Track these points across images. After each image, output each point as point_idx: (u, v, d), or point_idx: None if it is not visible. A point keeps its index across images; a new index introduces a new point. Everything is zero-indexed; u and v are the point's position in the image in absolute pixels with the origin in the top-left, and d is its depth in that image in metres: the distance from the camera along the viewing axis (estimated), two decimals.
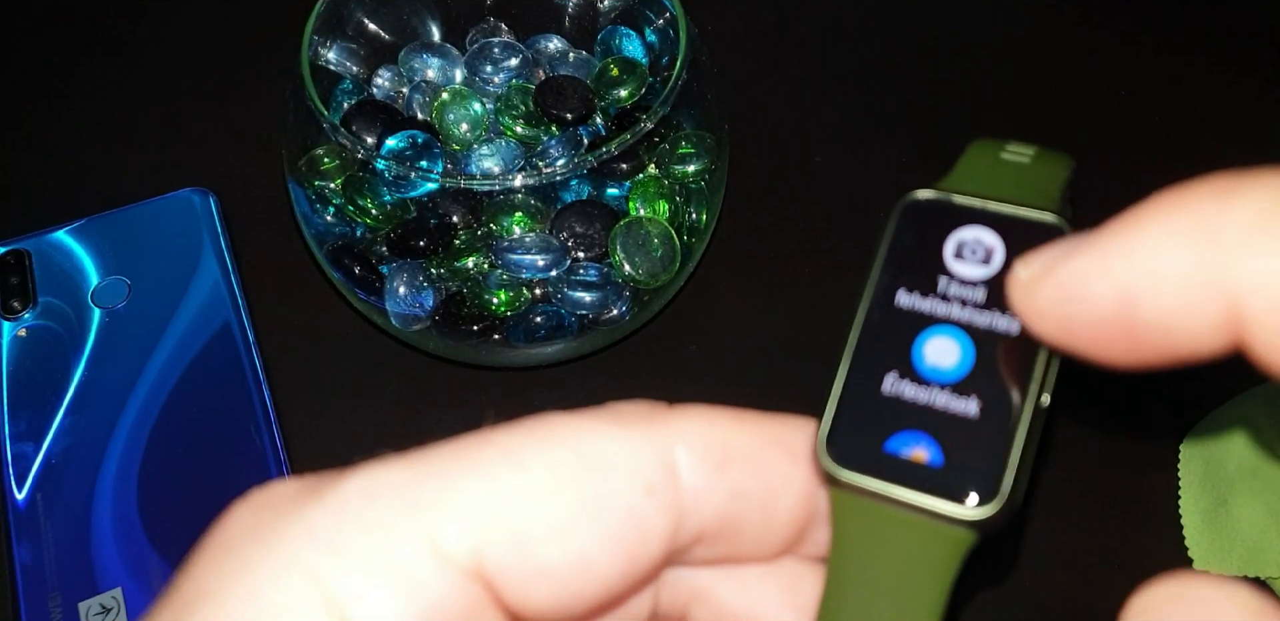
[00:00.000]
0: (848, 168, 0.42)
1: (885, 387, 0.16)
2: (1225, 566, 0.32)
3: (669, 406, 0.16)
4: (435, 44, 0.38)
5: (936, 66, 0.45)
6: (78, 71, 0.45)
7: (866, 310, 0.16)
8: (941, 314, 0.16)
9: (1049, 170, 0.17)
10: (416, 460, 0.14)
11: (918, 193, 0.17)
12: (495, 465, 0.14)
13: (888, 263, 0.17)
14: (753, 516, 0.16)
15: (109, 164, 0.42)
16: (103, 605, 0.32)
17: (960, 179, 0.17)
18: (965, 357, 0.16)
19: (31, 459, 0.34)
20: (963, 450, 0.15)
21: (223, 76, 0.45)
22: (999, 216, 0.16)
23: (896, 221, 0.17)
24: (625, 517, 0.14)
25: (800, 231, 0.41)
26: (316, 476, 0.14)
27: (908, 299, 0.16)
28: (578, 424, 0.15)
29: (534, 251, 0.32)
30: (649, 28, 0.37)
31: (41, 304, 0.37)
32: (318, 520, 0.13)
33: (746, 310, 0.39)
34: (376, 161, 0.30)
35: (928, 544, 0.15)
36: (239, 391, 0.35)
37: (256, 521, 0.14)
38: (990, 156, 0.17)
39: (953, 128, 0.43)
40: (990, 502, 0.15)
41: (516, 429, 0.15)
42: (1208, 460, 0.34)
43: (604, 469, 0.15)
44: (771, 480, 0.16)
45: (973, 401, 0.15)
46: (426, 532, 0.13)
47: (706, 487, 0.15)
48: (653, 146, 0.33)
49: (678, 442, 0.15)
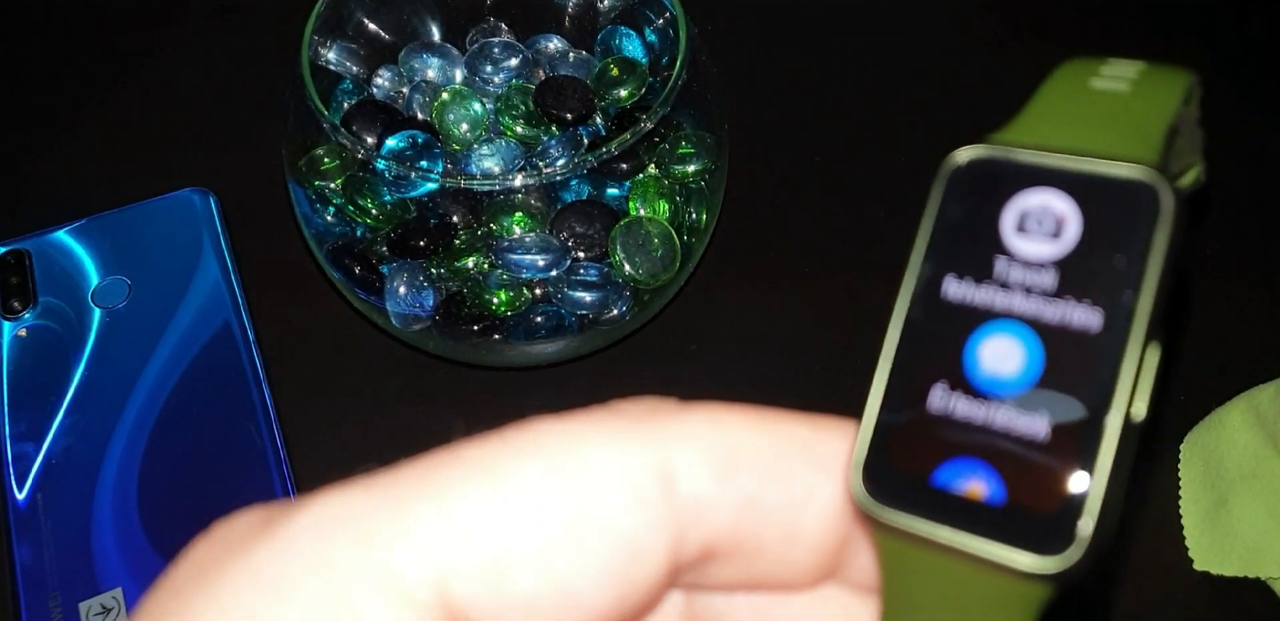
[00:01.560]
0: (848, 167, 0.42)
1: (932, 404, 0.13)
2: (1225, 566, 0.32)
3: (678, 404, 0.14)
4: (435, 44, 0.38)
5: (938, 64, 0.45)
6: (78, 72, 0.45)
7: (907, 306, 0.13)
8: (1001, 306, 0.13)
9: (1153, 100, 0.13)
10: (374, 485, 0.13)
11: (965, 150, 0.13)
12: (462, 485, 0.13)
13: (932, 243, 0.13)
14: (772, 531, 0.14)
15: (109, 164, 0.42)
16: (103, 605, 0.31)
17: (1028, 124, 0.13)
18: (1032, 362, 0.12)
19: (32, 459, 0.34)
20: (1031, 482, 0.12)
21: (223, 76, 0.45)
22: (1071, 174, 0.12)
23: (941, 189, 0.13)
24: (612, 537, 0.13)
25: (801, 231, 0.41)
26: (281, 505, 0.13)
27: (958, 289, 0.13)
28: (560, 431, 0.13)
29: (534, 251, 0.32)
30: (649, 28, 0.37)
31: (42, 304, 0.37)
32: (265, 559, 0.12)
33: (747, 310, 0.39)
34: (377, 161, 0.30)
35: (992, 598, 0.12)
36: (239, 391, 0.35)
37: (207, 560, 0.13)
38: (1075, 86, 0.13)
39: (955, 125, 0.42)
40: (1067, 550, 0.11)
41: (489, 441, 0.13)
42: (1208, 460, 0.34)
43: (587, 482, 0.13)
44: (791, 491, 0.14)
45: (1042, 418, 0.12)
46: (381, 568, 0.12)
47: (711, 497, 0.13)
48: (653, 146, 0.33)
49: (676, 447, 0.13)
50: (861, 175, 0.42)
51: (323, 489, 0.13)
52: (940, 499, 0.12)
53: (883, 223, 0.41)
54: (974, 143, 0.13)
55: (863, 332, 0.37)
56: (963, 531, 0.12)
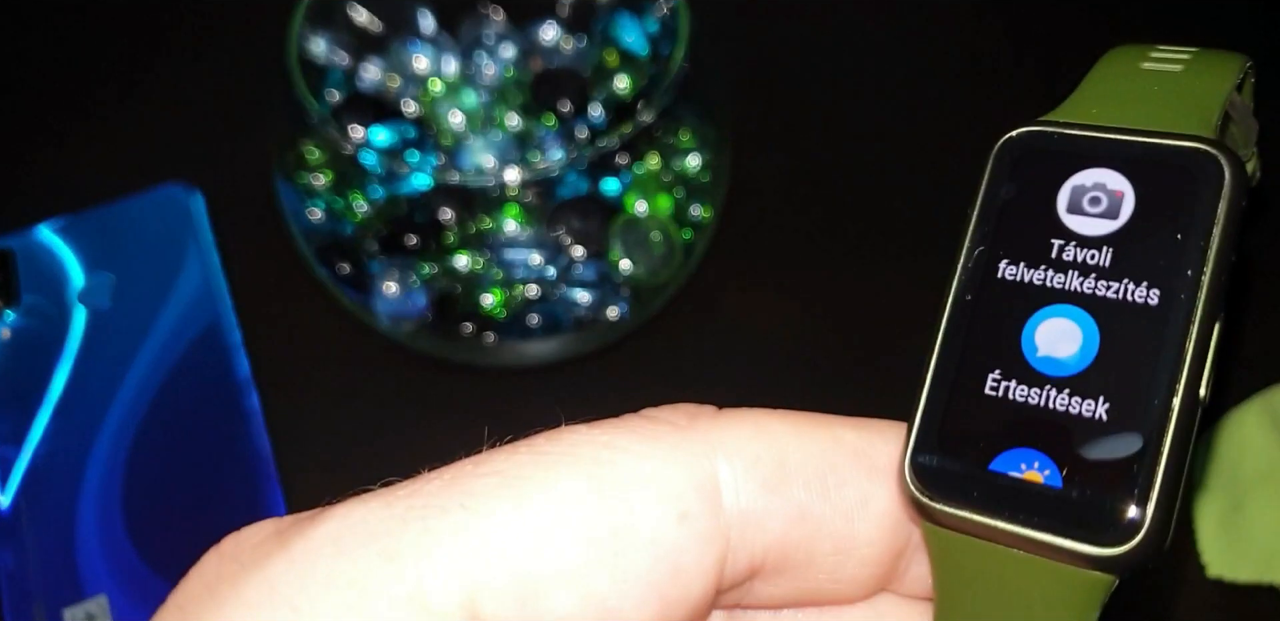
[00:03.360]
0: (856, 161, 0.42)
1: (987, 389, 0.12)
2: (1239, 572, 0.32)
3: (715, 411, 0.13)
4: (428, 34, 0.37)
5: (949, 56, 0.45)
6: (60, 66, 0.45)
7: (959, 288, 0.13)
8: (1057, 287, 0.12)
9: (1209, 79, 0.13)
10: (396, 497, 0.12)
11: (1017, 131, 0.13)
12: (491, 498, 0.12)
13: (982, 224, 0.13)
14: (824, 545, 0.13)
15: (93, 159, 0.42)
16: (88, 612, 0.31)
17: (1082, 104, 0.13)
18: (1088, 343, 0.12)
19: (15, 463, 0.34)
20: (1090, 466, 0.12)
21: (209, 68, 0.44)
22: (1126, 150, 0.12)
23: (992, 169, 0.13)
24: (654, 553, 0.12)
25: (807, 227, 0.40)
26: (295, 519, 0.13)
27: (1012, 271, 0.13)
28: (594, 440, 0.13)
29: (529, 249, 0.32)
30: (649, 16, 0.37)
31: (25, 303, 0.37)
32: (281, 576, 0.12)
33: (751, 309, 0.38)
34: (366, 155, 0.30)
35: (1054, 589, 0.12)
36: (226, 392, 0.35)
37: (219, 576, 0.12)
38: (1127, 68, 0.13)
39: (962, 120, 0.42)
40: (1132, 536, 0.11)
41: (519, 450, 0.13)
42: (1223, 464, 0.34)
43: (625, 495, 0.12)
44: (844, 500, 0.13)
45: (1099, 401, 0.12)
46: (408, 586, 0.12)
47: (759, 511, 0.13)
48: (653, 139, 0.33)
49: (720, 457, 0.13)
50: (869, 170, 0.41)
51: (340, 501, 0.12)
52: (998, 488, 0.12)
53: (891, 218, 0.40)
54: (1022, 125, 0.13)
55: (871, 331, 0.36)
56: (1022, 520, 0.12)
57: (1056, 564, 0.12)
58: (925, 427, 0.13)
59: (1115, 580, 0.12)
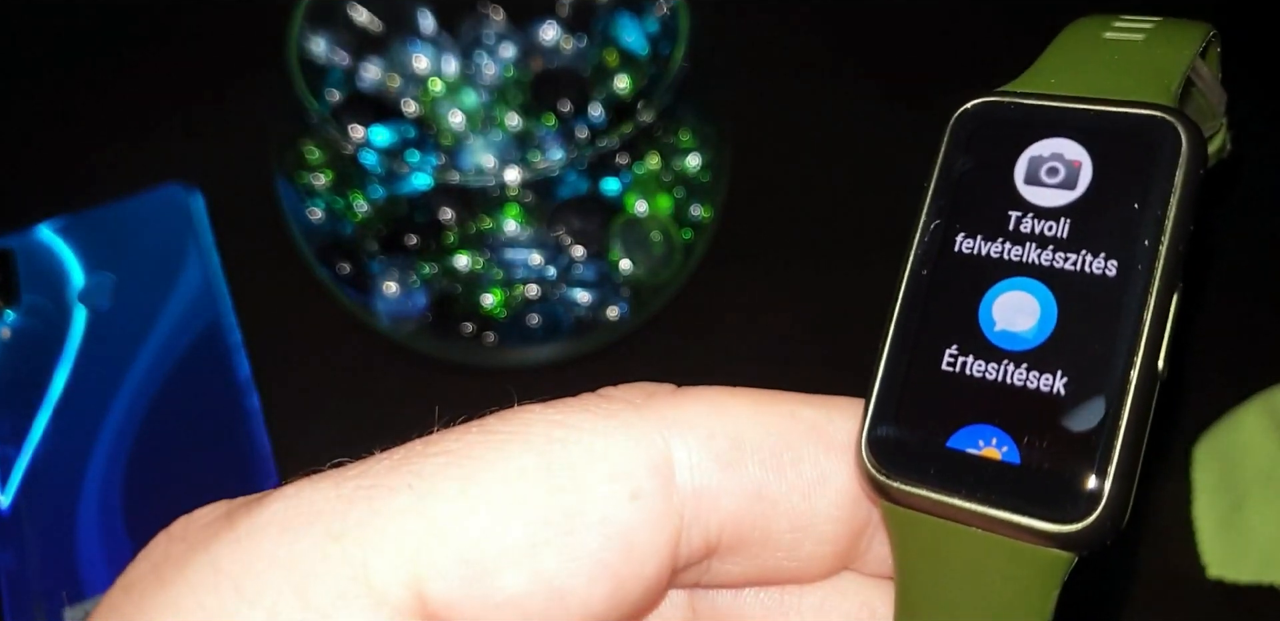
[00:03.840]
0: (855, 160, 0.42)
1: (944, 365, 0.12)
2: (1240, 572, 0.32)
3: (673, 390, 0.13)
4: (428, 34, 0.37)
5: (949, 53, 0.45)
6: (59, 65, 0.45)
7: (915, 262, 0.13)
8: (1015, 259, 0.12)
9: (1170, 48, 0.13)
10: (343, 478, 0.12)
11: (973, 101, 0.13)
12: (439, 478, 0.12)
13: (938, 197, 0.13)
14: (781, 523, 0.13)
15: (92, 159, 0.42)
16: (88, 612, 0.31)
17: (1041, 74, 0.13)
18: (1046, 316, 0.12)
19: (16, 462, 0.34)
20: (1046, 442, 0.11)
21: (209, 68, 0.44)
22: (1084, 119, 0.12)
23: (949, 140, 0.13)
24: (604, 532, 0.12)
25: (807, 227, 0.40)
26: (245, 500, 0.13)
27: (969, 244, 0.12)
28: (547, 418, 0.13)
29: (529, 249, 0.32)
30: (649, 16, 0.37)
31: (25, 303, 0.37)
32: (226, 556, 0.12)
33: (751, 309, 0.38)
34: (366, 155, 0.29)
35: (1014, 568, 0.12)
36: (226, 392, 0.35)
37: (166, 556, 0.12)
38: (1089, 38, 0.13)
39: None
40: (1090, 512, 0.11)
41: (470, 430, 0.13)
42: (1223, 464, 0.33)
43: (576, 474, 0.12)
44: (801, 477, 0.13)
45: (1057, 375, 0.12)
46: (353, 566, 0.11)
47: (713, 489, 0.13)
48: (653, 139, 0.33)
49: (675, 434, 0.13)
50: (869, 170, 0.41)
51: (289, 482, 0.12)
52: (955, 466, 0.12)
53: (891, 218, 0.40)
54: (979, 95, 0.13)
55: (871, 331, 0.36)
56: (980, 497, 0.12)
57: (1016, 542, 0.12)
58: (882, 405, 0.12)
59: (1074, 558, 0.12)
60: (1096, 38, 0.13)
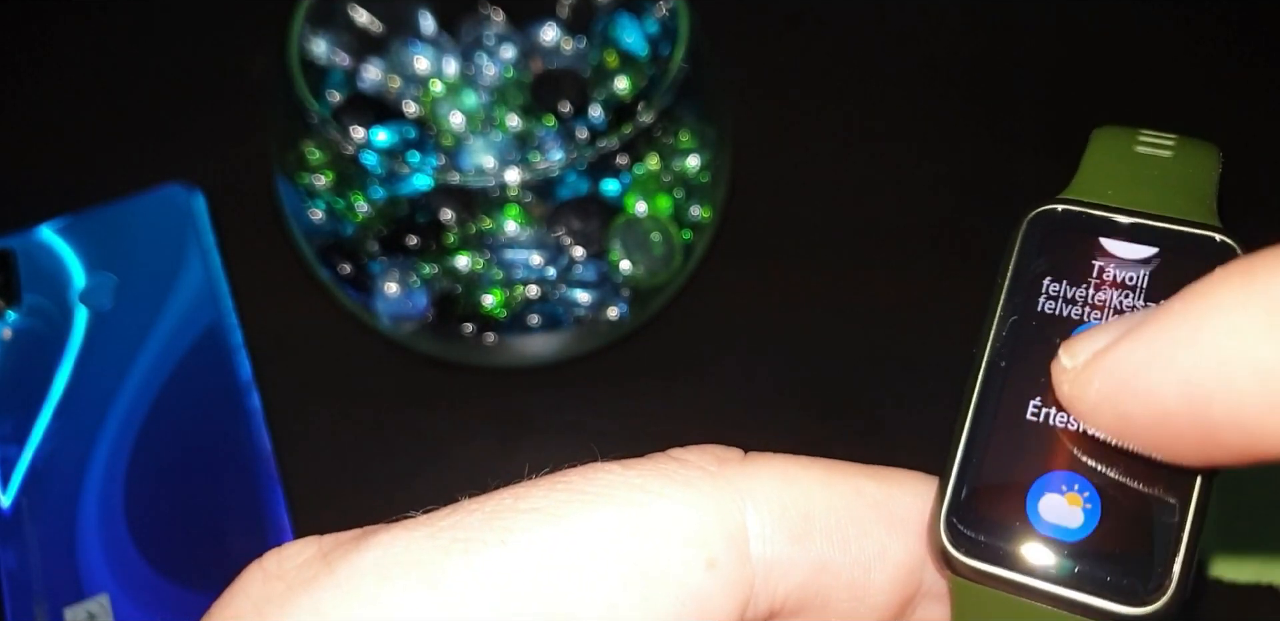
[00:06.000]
0: (855, 161, 0.42)
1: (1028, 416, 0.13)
2: (1240, 572, 0.32)
3: (742, 456, 0.14)
4: (428, 34, 0.37)
5: (944, 57, 0.45)
6: (60, 65, 0.45)
7: (992, 355, 0.14)
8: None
9: (1197, 166, 0.14)
10: (441, 528, 0.13)
11: (1045, 206, 0.14)
12: (532, 534, 0.13)
13: (1014, 294, 0.14)
14: (840, 592, 0.14)
15: (92, 159, 0.42)
16: (89, 611, 0.31)
17: (1093, 184, 0.15)
18: None
19: (17, 462, 0.34)
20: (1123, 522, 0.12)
21: (210, 68, 0.44)
22: (1151, 233, 0.14)
23: (1021, 242, 0.14)
24: (680, 597, 0.13)
25: (807, 227, 0.40)
26: (335, 540, 0.13)
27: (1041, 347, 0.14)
28: (629, 481, 0.13)
29: (529, 249, 0.32)
30: (649, 16, 0.37)
31: (26, 303, 0.37)
32: (328, 600, 0.12)
33: (751, 310, 0.38)
34: (367, 156, 0.29)
35: None
36: (227, 393, 0.35)
37: (265, 597, 0.13)
38: (1122, 150, 0.15)
39: (959, 121, 0.42)
40: (1161, 595, 0.12)
41: (557, 486, 0.13)
42: None
43: (657, 539, 0.13)
44: (863, 552, 0.14)
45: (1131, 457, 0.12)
46: (448, 614, 0.12)
47: (784, 561, 0.13)
48: (652, 140, 0.33)
49: (749, 505, 0.13)
50: (869, 170, 0.41)
51: (382, 527, 0.13)
52: (1029, 544, 0.13)
53: (891, 219, 0.40)
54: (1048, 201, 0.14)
55: (871, 331, 0.36)
56: (1051, 576, 0.12)
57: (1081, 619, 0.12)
58: (959, 488, 0.13)
59: None
60: (1129, 151, 0.15)
